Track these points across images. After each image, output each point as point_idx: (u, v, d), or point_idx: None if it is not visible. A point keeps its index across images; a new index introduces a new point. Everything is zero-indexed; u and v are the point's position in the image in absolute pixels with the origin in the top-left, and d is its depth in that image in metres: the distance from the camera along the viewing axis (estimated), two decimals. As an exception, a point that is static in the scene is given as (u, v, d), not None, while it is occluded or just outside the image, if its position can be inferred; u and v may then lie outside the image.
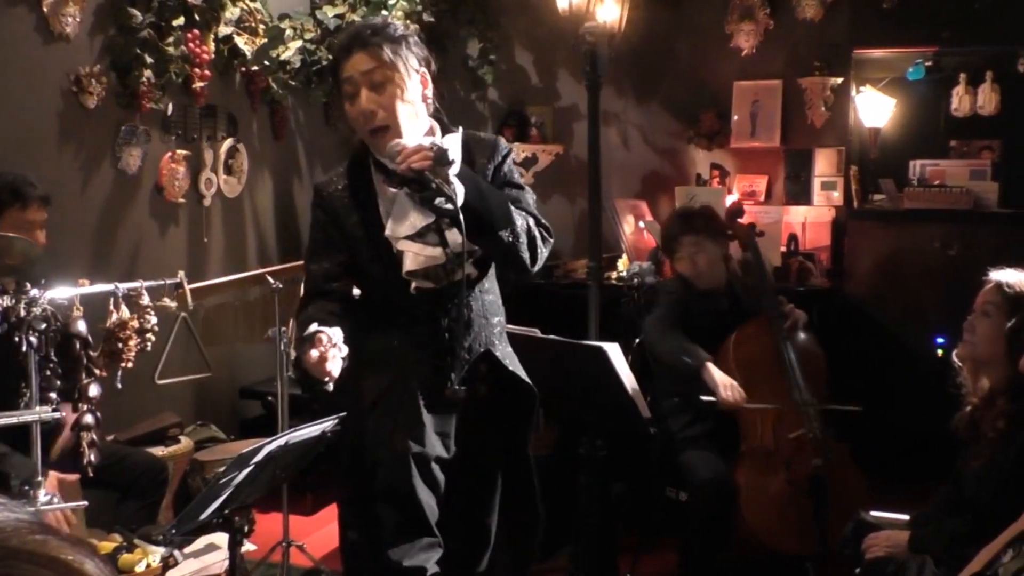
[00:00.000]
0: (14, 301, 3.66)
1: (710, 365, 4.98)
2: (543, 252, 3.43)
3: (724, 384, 4.91)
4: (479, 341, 3.49)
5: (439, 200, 3.11)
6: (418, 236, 3.29)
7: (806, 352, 5.21)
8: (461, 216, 3.12)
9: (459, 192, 3.13)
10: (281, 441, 3.68)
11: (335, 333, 3.01)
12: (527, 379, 3.59)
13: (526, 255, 3.34)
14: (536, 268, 3.43)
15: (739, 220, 5.65)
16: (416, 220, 3.27)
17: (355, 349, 3.13)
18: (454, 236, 3.28)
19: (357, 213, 3.36)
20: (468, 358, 3.45)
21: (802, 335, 5.27)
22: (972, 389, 3.77)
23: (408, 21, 6.99)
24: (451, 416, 3.45)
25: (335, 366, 2.99)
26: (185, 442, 5.75)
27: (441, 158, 3.13)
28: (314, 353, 2.94)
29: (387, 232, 3.28)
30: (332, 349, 2.97)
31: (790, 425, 4.98)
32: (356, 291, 3.50)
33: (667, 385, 5.26)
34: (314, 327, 3.02)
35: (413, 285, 3.32)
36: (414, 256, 3.29)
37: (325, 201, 3.41)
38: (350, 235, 3.37)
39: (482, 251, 3.38)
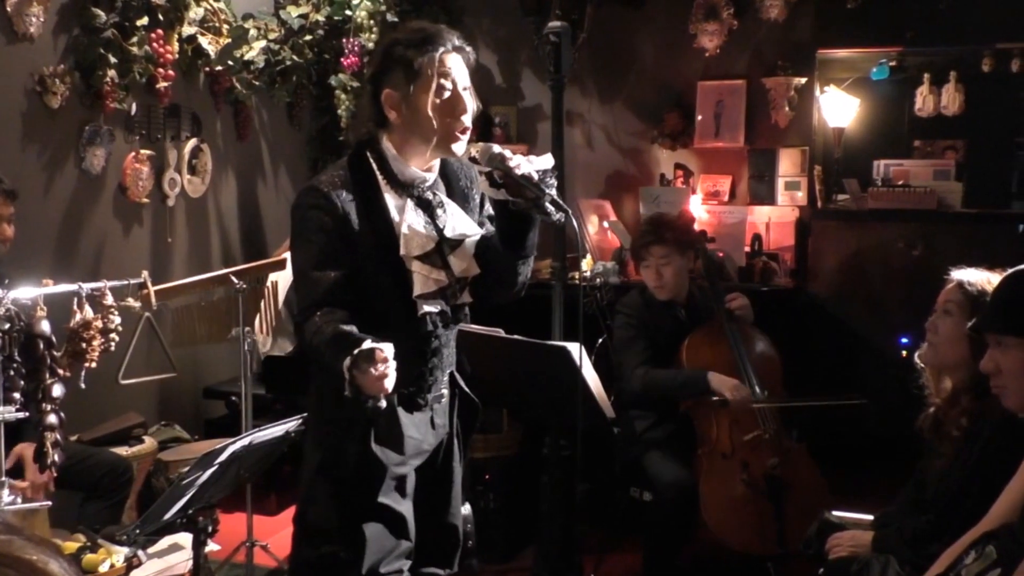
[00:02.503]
0: (-24, 302, 3.64)
1: (711, 374, 5.05)
2: None
3: (731, 386, 5.02)
4: (452, 358, 3.55)
5: (549, 210, 3.15)
6: (425, 258, 3.29)
7: (761, 354, 5.28)
8: (575, 222, 3.22)
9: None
10: (245, 441, 3.69)
11: (388, 348, 2.87)
12: (472, 394, 3.66)
13: (528, 274, 3.47)
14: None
15: (692, 227, 5.75)
16: (424, 242, 3.28)
17: None
18: (455, 261, 3.35)
19: (367, 224, 3.24)
20: (443, 375, 3.50)
21: (760, 345, 5.32)
22: (935, 390, 3.79)
23: (372, 21, 6.98)
24: (427, 427, 3.47)
25: (392, 383, 2.90)
26: (149, 442, 5.74)
27: (551, 170, 3.19)
28: (372, 371, 2.84)
29: (402, 252, 3.25)
30: (389, 365, 2.87)
31: (745, 427, 5.03)
32: None
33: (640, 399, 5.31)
34: (369, 343, 2.87)
35: (423, 309, 3.30)
36: (424, 279, 3.29)
37: (332, 206, 3.21)
38: (358, 246, 3.23)
39: (503, 271, 3.42)
